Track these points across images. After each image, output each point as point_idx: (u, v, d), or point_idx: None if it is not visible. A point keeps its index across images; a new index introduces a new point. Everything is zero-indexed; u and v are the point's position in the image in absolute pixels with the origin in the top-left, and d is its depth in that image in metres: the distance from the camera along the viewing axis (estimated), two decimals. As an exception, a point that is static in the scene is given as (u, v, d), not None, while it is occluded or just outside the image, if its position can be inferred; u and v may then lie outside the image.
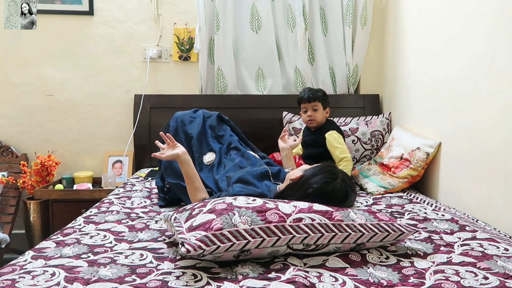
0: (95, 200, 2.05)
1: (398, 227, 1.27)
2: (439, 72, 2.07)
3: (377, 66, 2.93)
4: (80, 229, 1.47)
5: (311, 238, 1.17)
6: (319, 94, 2.33)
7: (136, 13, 2.86)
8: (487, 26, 1.68)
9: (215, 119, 2.09)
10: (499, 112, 1.61)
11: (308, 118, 2.32)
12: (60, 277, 1.06)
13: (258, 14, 2.83)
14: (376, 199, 1.98)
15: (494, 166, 1.64)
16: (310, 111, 2.31)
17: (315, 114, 2.31)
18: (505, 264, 1.15)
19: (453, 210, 1.77)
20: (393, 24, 2.69)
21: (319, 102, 2.31)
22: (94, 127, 2.91)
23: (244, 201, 1.26)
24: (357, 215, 1.28)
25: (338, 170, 1.59)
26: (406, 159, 2.15)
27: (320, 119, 2.33)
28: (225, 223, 1.14)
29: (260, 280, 1.04)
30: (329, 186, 1.49)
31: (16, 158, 2.80)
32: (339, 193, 1.49)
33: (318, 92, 2.33)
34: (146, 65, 2.88)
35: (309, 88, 2.37)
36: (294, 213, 1.21)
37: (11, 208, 2.66)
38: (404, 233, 1.27)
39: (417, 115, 2.34)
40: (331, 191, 1.48)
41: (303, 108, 2.35)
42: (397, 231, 1.26)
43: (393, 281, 1.05)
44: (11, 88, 2.85)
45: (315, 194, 1.47)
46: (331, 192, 1.48)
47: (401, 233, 1.26)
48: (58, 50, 2.85)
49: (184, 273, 1.09)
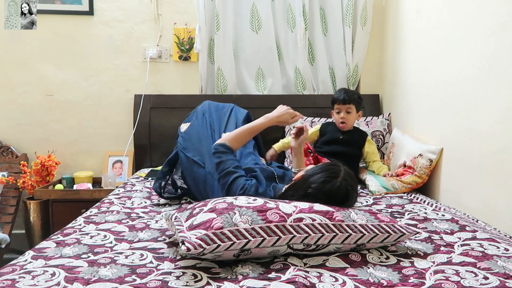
0: (95, 200, 2.05)
1: (399, 228, 1.27)
2: (439, 72, 2.07)
3: (377, 66, 2.93)
4: (80, 229, 1.47)
5: (312, 238, 1.17)
6: (355, 96, 2.31)
7: (136, 13, 2.86)
8: (487, 26, 1.68)
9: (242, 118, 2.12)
10: (499, 112, 1.61)
11: (341, 120, 2.30)
12: (60, 277, 1.06)
13: (258, 14, 2.83)
14: (376, 199, 1.98)
15: (495, 166, 1.64)
16: (344, 113, 2.29)
17: (348, 117, 2.29)
18: (505, 264, 1.15)
19: (453, 210, 1.77)
20: (393, 24, 2.69)
21: (354, 105, 2.29)
22: (94, 127, 2.91)
23: (244, 200, 1.26)
24: (358, 215, 1.28)
25: (341, 168, 1.52)
26: (410, 166, 2.14)
27: (353, 122, 2.33)
28: (225, 222, 1.14)
29: (260, 280, 1.04)
30: (327, 185, 1.44)
31: (16, 158, 2.80)
32: (338, 192, 1.44)
33: (354, 95, 2.32)
34: (146, 65, 2.88)
35: (345, 90, 2.35)
36: (294, 213, 1.21)
37: (11, 208, 2.66)
38: (405, 235, 1.27)
39: (417, 116, 2.34)
40: (329, 190, 1.43)
41: (337, 109, 2.32)
42: (398, 232, 1.26)
43: (393, 281, 1.05)
44: (11, 88, 2.85)
45: (314, 193, 1.43)
46: (329, 191, 1.43)
47: (402, 234, 1.26)
48: (58, 50, 2.85)
49: (184, 273, 1.09)
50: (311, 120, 2.70)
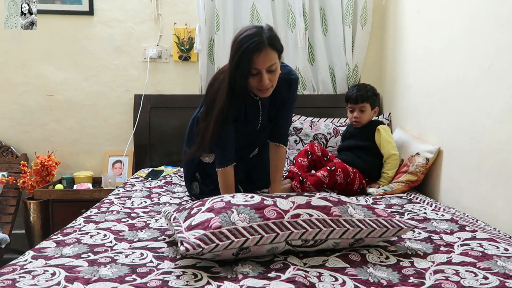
0: (95, 200, 2.05)
1: (397, 222, 1.28)
2: (439, 72, 2.07)
3: (377, 66, 2.93)
4: (80, 228, 1.47)
5: (309, 234, 1.18)
6: (369, 94, 2.21)
7: (136, 13, 2.86)
8: (487, 27, 1.68)
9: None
10: (499, 112, 1.61)
11: (354, 119, 2.24)
12: (60, 276, 1.06)
13: (258, 14, 2.83)
14: (376, 199, 1.98)
15: (494, 166, 1.64)
16: (357, 113, 2.21)
17: (361, 116, 2.21)
18: (505, 264, 1.15)
19: (453, 210, 1.77)
20: (393, 24, 2.70)
21: (368, 103, 2.21)
22: (94, 127, 2.92)
23: (242, 198, 1.27)
24: (355, 210, 1.29)
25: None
26: (406, 164, 2.15)
27: (367, 120, 2.24)
28: (223, 221, 1.15)
29: (260, 279, 1.04)
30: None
31: (16, 158, 2.80)
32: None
33: (368, 92, 2.22)
34: (146, 65, 2.88)
35: (358, 87, 2.23)
36: (292, 209, 1.22)
37: (11, 208, 2.66)
38: (403, 229, 1.27)
39: (417, 115, 2.34)
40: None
41: (350, 108, 2.25)
42: (395, 226, 1.26)
43: (393, 281, 1.05)
44: (11, 88, 2.85)
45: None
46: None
47: (399, 228, 1.27)
48: (58, 50, 2.85)
49: (184, 273, 1.09)
50: (311, 120, 2.70)
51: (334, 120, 2.68)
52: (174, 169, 2.63)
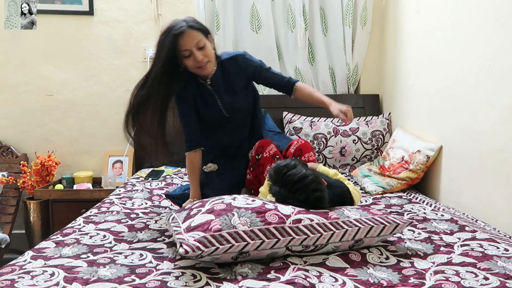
0: (95, 200, 2.05)
1: (393, 219, 1.29)
2: (439, 72, 2.06)
3: (377, 66, 2.93)
4: (80, 229, 1.47)
5: (310, 239, 1.17)
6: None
7: (136, 13, 2.86)
8: (487, 26, 1.68)
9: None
10: (499, 112, 1.61)
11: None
12: (59, 277, 1.06)
13: (258, 14, 2.82)
14: (376, 199, 1.98)
15: (494, 166, 1.64)
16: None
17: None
18: (505, 265, 1.15)
19: (453, 210, 1.76)
20: (393, 24, 2.69)
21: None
22: (94, 127, 2.91)
23: (243, 201, 1.26)
24: (351, 212, 1.30)
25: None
26: (406, 161, 2.15)
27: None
28: (224, 224, 1.13)
29: (260, 280, 1.04)
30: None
31: (16, 158, 2.80)
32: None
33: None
34: (146, 65, 2.87)
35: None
36: (293, 214, 1.21)
37: (11, 208, 2.66)
38: (400, 225, 1.28)
39: (417, 115, 2.34)
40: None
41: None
42: (392, 223, 1.27)
43: (393, 282, 1.05)
44: (11, 88, 2.85)
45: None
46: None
47: (396, 225, 1.27)
48: (58, 50, 2.85)
49: (183, 273, 1.09)
50: (311, 120, 2.70)
51: (334, 119, 2.68)
52: (175, 169, 2.62)
